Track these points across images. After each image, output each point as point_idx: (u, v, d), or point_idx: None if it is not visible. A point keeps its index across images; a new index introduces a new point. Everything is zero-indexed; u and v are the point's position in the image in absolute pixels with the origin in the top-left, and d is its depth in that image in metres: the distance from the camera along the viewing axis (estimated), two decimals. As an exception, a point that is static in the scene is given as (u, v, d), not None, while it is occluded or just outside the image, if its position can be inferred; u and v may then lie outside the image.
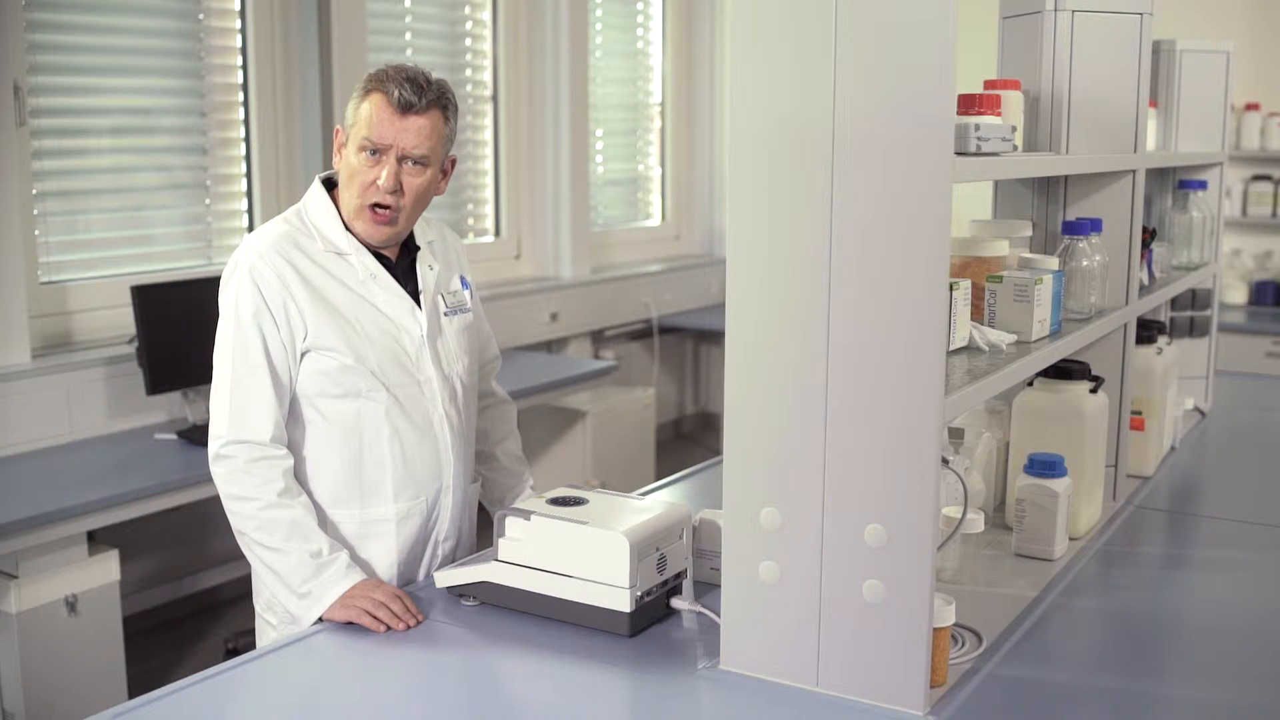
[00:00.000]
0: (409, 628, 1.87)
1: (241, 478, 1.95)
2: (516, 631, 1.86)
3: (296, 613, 1.94)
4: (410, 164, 2.00)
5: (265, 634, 2.09)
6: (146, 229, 3.98)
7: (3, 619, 2.92)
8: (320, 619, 1.91)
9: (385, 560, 2.07)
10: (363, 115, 1.99)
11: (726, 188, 1.67)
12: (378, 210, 2.01)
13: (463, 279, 2.22)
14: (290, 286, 1.97)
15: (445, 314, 2.14)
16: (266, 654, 1.81)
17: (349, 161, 2.01)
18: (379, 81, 1.99)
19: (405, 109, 1.97)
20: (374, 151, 1.99)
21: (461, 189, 5.22)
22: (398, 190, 2.00)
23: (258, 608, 2.12)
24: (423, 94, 1.98)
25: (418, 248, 2.14)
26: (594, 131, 5.79)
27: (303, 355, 2.00)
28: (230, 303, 1.99)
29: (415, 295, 2.10)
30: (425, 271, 2.13)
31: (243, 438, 1.95)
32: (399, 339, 2.06)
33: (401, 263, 2.11)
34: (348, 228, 2.05)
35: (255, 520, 1.94)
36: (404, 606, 1.90)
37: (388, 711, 1.66)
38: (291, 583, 1.93)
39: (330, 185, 2.09)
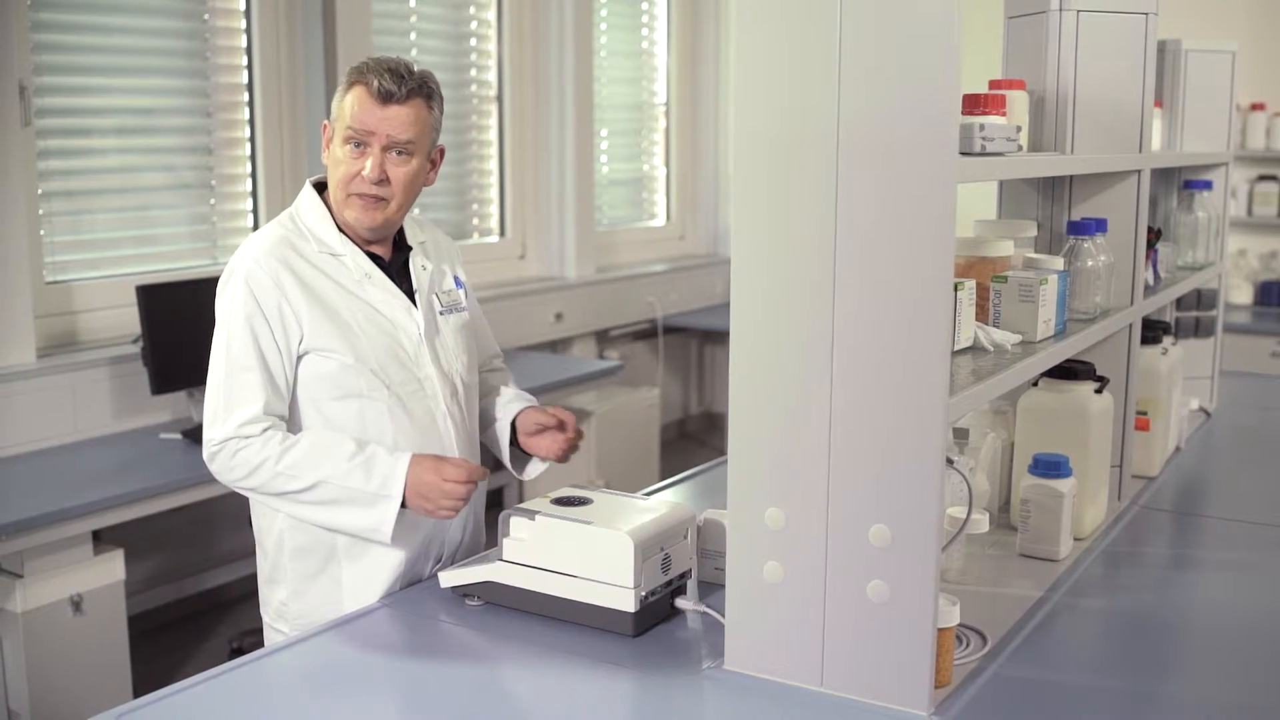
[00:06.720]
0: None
1: (243, 454, 1.95)
2: (521, 631, 1.86)
3: (376, 524, 1.95)
4: (395, 154, 2.01)
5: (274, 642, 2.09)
6: (151, 229, 3.99)
7: (8, 618, 2.92)
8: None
9: (392, 559, 2.06)
10: (346, 107, 2.00)
11: (731, 188, 1.67)
12: (365, 197, 2.01)
13: (456, 279, 2.23)
14: (286, 290, 1.98)
15: (441, 313, 2.15)
16: (271, 654, 1.81)
17: (335, 154, 2.03)
18: (360, 73, 2.00)
19: (386, 99, 1.98)
20: (358, 143, 2.00)
21: (466, 189, 5.23)
22: (384, 180, 2.01)
23: (266, 618, 2.13)
24: (403, 83, 1.99)
25: (410, 247, 2.15)
26: (599, 131, 5.79)
27: (301, 358, 2.00)
28: (225, 309, 2.00)
29: (410, 295, 2.11)
30: (418, 271, 2.14)
31: (233, 435, 1.96)
32: (397, 337, 2.06)
33: (395, 262, 2.12)
34: (340, 228, 2.06)
35: (278, 476, 1.94)
36: (465, 484, 1.95)
37: (392, 712, 1.66)
38: (358, 499, 1.94)
39: (321, 188, 2.11)
